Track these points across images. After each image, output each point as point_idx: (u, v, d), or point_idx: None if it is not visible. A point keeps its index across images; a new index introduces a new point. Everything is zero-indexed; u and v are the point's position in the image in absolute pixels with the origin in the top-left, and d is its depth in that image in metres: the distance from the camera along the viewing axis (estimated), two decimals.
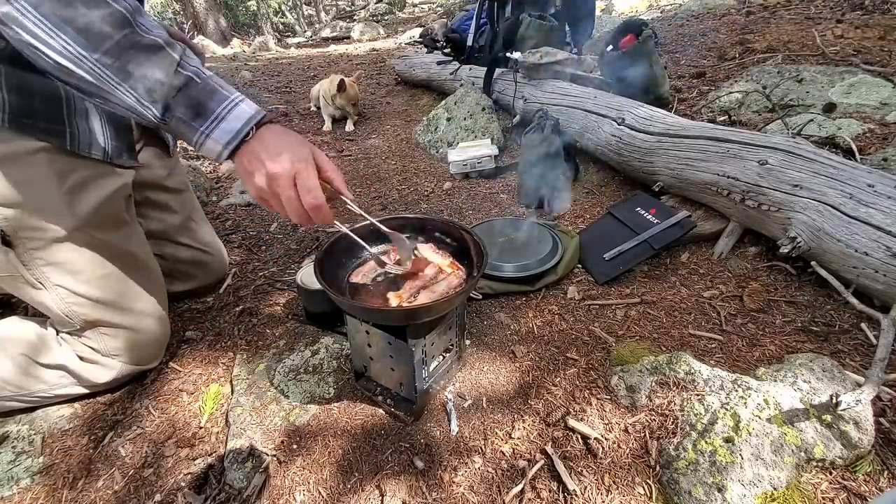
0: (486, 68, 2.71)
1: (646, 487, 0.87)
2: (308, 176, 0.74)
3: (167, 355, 1.24)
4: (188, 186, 1.39)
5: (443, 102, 2.70)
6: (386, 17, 10.71)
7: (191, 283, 1.43)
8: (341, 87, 2.91)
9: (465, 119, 2.53)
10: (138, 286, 1.11)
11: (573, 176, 2.04)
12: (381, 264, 1.01)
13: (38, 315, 1.11)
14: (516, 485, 0.89)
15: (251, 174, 0.75)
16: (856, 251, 1.15)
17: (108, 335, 1.07)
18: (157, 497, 0.94)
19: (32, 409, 1.12)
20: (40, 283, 0.98)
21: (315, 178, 0.75)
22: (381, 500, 0.89)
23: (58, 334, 1.08)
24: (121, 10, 0.69)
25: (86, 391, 1.12)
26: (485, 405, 1.06)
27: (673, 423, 0.94)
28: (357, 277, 1.04)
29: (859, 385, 0.90)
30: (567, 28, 2.94)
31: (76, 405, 1.13)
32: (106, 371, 1.10)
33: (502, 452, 0.96)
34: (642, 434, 0.95)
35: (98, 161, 0.99)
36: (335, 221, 0.82)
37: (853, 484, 0.83)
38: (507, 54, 2.52)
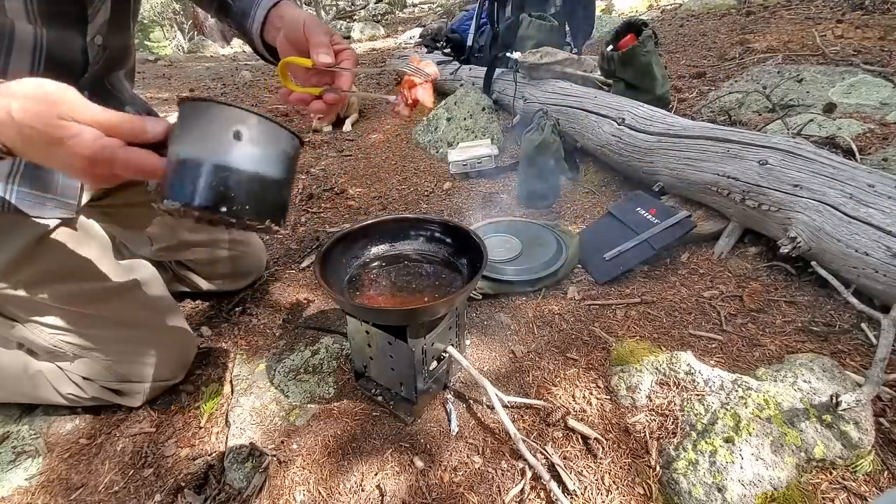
0: (486, 68, 2.71)
1: (646, 487, 0.87)
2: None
3: None
4: None
5: (443, 102, 2.69)
6: (386, 17, 10.69)
7: (229, 282, 1.43)
8: None
9: (465, 119, 2.53)
10: (131, 318, 1.04)
11: (573, 176, 2.04)
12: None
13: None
14: (516, 485, 0.89)
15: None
16: (856, 251, 1.15)
17: (121, 363, 1.03)
18: (157, 497, 0.94)
19: (35, 407, 1.12)
20: (14, 320, 0.93)
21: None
22: (381, 500, 0.89)
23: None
24: None
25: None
26: (485, 405, 1.06)
27: (673, 423, 0.94)
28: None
29: (859, 385, 0.90)
30: (567, 28, 2.94)
31: None
32: (134, 398, 1.09)
33: (502, 452, 0.96)
34: (642, 434, 0.95)
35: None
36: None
37: (853, 484, 0.83)
38: (507, 54, 2.52)
